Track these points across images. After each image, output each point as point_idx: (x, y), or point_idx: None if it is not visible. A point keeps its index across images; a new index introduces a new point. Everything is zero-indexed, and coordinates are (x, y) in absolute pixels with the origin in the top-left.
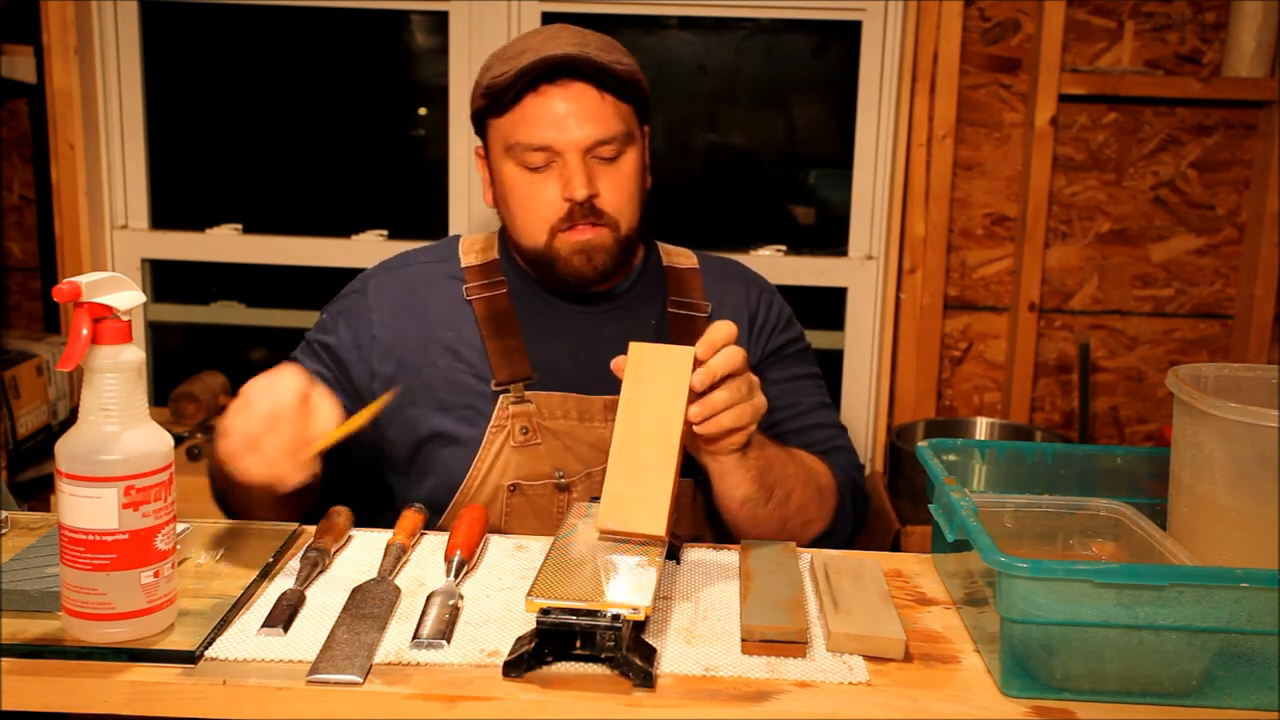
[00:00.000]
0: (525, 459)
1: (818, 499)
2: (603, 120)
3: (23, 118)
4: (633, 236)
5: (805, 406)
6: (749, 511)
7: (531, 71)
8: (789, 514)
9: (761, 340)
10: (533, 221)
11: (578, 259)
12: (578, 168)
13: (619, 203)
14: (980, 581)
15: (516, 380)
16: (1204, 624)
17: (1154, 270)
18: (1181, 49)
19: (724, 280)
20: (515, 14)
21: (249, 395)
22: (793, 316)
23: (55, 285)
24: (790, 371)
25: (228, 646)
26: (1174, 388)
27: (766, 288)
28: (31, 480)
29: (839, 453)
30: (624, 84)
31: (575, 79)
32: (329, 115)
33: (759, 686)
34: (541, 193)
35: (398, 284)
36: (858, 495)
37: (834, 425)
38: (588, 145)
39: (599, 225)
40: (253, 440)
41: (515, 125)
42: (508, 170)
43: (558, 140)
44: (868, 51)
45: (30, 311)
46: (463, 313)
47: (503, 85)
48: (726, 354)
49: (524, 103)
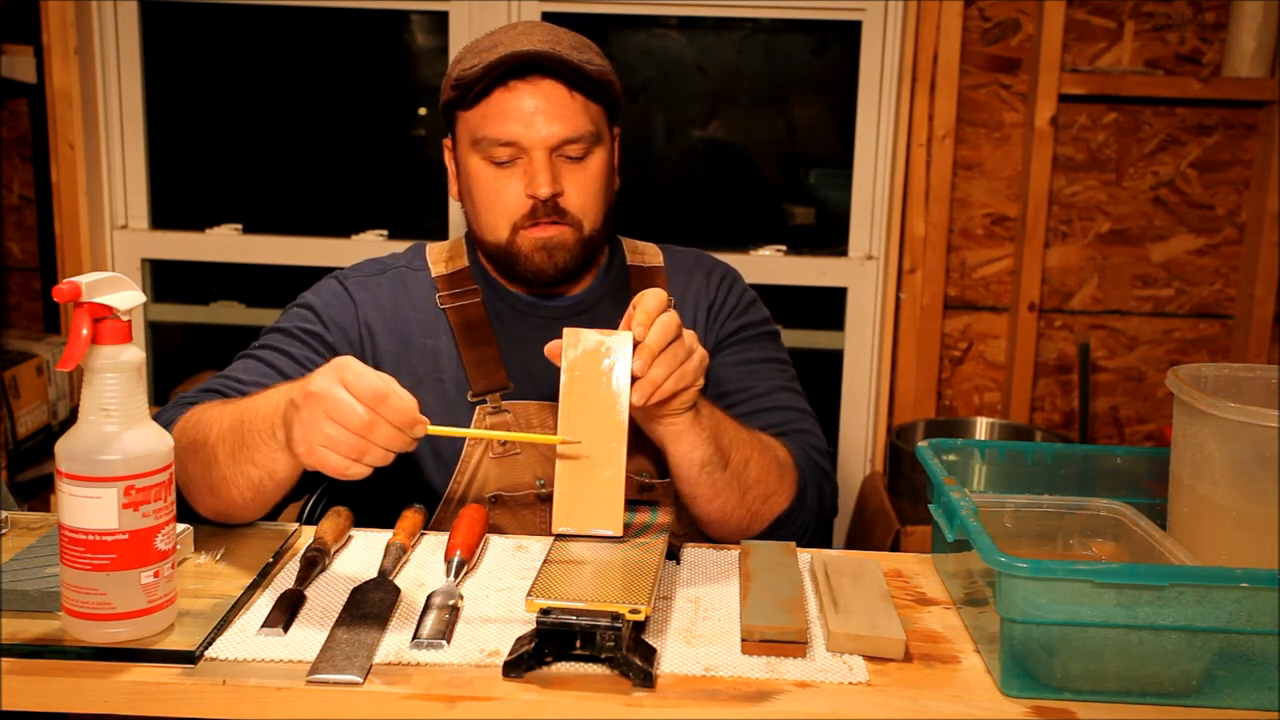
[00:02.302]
0: (505, 469)
1: (777, 471)
2: (571, 119)
3: (23, 118)
4: (596, 237)
5: (761, 389)
6: (709, 478)
7: (501, 66)
8: (748, 483)
9: (716, 325)
10: (496, 217)
11: (539, 256)
12: (543, 165)
13: (583, 202)
14: (980, 581)
15: (493, 390)
16: (1204, 624)
17: (1154, 270)
18: (1181, 49)
19: (684, 274)
20: (515, 14)
21: (349, 370)
22: (755, 301)
23: (55, 285)
24: (745, 355)
25: (228, 646)
26: (1174, 388)
27: (728, 274)
28: (31, 480)
29: (798, 435)
30: (595, 84)
31: (545, 76)
32: (329, 115)
33: (759, 686)
34: (506, 188)
35: (378, 289)
36: (821, 478)
37: (793, 409)
38: (554, 143)
39: (561, 224)
40: (379, 399)
41: (483, 119)
42: (473, 164)
43: (524, 136)
44: (868, 51)
45: (30, 311)
46: (439, 322)
47: (471, 78)
48: (661, 327)
49: (492, 97)
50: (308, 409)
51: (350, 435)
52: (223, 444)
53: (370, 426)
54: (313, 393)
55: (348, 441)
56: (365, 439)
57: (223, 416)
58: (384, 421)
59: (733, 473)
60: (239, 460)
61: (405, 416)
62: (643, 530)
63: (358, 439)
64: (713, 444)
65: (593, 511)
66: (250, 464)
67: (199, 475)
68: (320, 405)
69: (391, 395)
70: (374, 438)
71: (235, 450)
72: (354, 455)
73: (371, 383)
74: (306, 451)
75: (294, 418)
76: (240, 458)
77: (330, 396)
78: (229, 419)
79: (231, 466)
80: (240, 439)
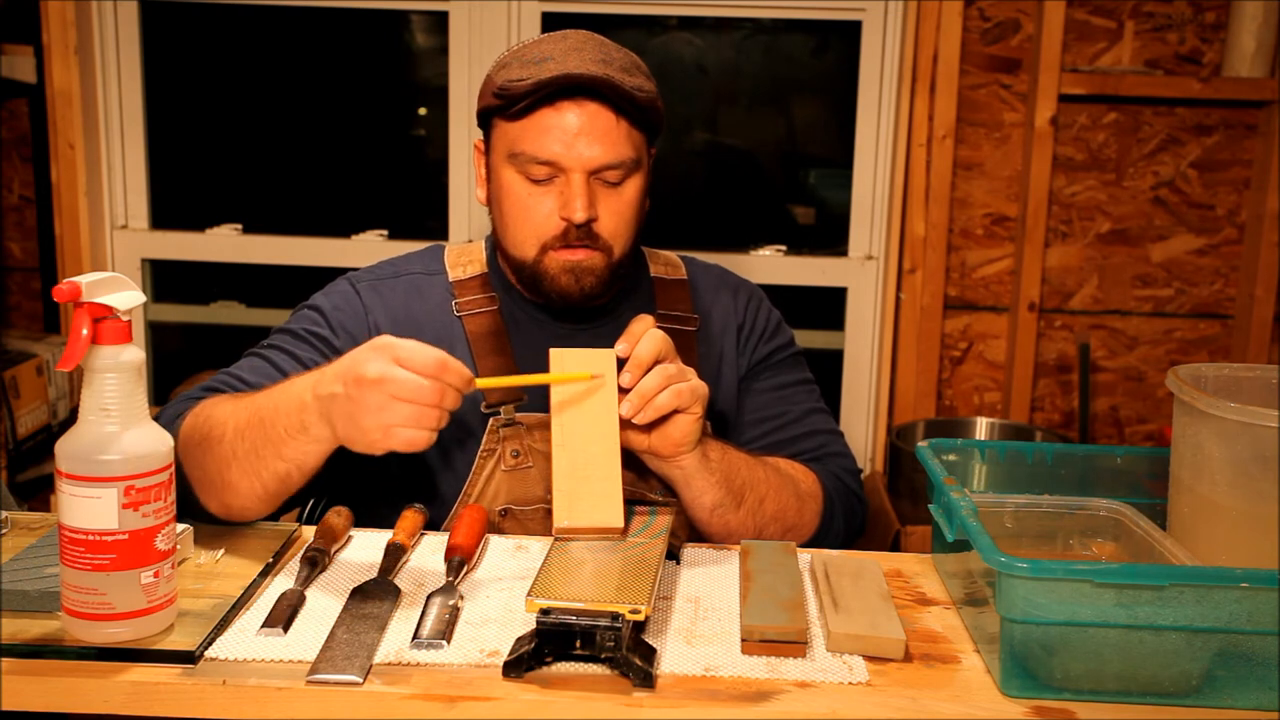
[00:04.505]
0: (516, 482)
1: (796, 505)
2: (614, 145)
3: (23, 118)
4: (625, 261)
5: (794, 415)
6: (720, 519)
7: (552, 85)
8: (764, 521)
9: (749, 349)
10: (526, 234)
11: (565, 279)
12: (580, 189)
13: (616, 228)
14: (980, 581)
15: (507, 402)
16: (1204, 624)
17: (1154, 270)
18: (1181, 49)
19: (712, 291)
20: (515, 14)
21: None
22: (781, 322)
23: (55, 285)
24: (778, 379)
25: (228, 646)
26: (1174, 388)
27: (755, 294)
28: (31, 480)
29: (831, 459)
30: (642, 110)
31: (593, 99)
32: (329, 115)
33: (759, 686)
34: (539, 206)
35: (390, 293)
36: (852, 501)
37: (826, 431)
38: (594, 167)
39: (593, 249)
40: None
41: (523, 133)
42: (507, 176)
43: (564, 158)
44: (868, 51)
45: (30, 311)
46: (454, 329)
47: (519, 92)
48: (649, 340)
49: (537, 113)
50: (370, 395)
51: (426, 409)
52: (241, 440)
53: (441, 394)
54: (372, 379)
55: (426, 415)
56: (439, 408)
57: (238, 412)
58: (450, 387)
59: (747, 512)
60: (263, 455)
61: (465, 377)
62: (642, 530)
63: (432, 410)
64: (723, 487)
65: (594, 507)
66: (277, 459)
67: (214, 471)
68: (385, 389)
69: (449, 361)
70: (446, 404)
71: (259, 445)
72: (432, 426)
73: (429, 355)
74: (384, 436)
75: (347, 408)
76: (265, 453)
77: (393, 379)
78: (245, 414)
79: (254, 461)
80: (264, 434)
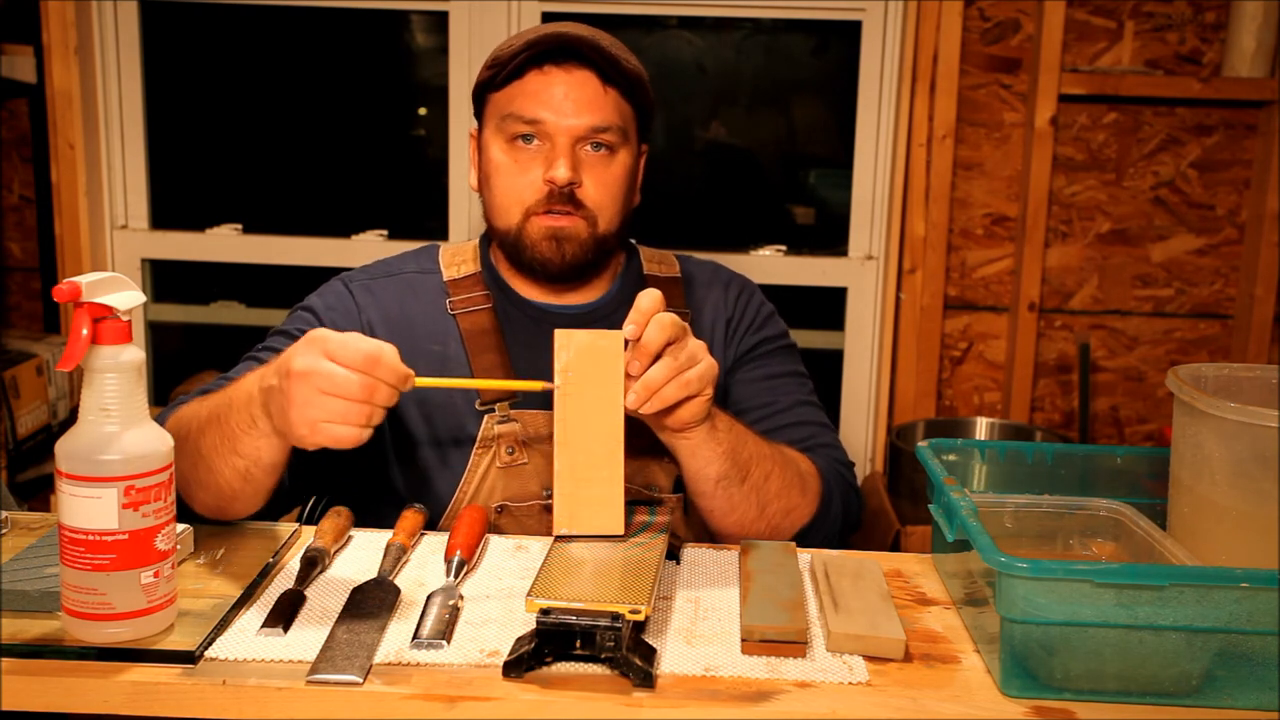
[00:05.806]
0: (512, 479)
1: (799, 485)
2: (600, 110)
3: (23, 118)
4: (609, 238)
5: (782, 405)
6: (724, 492)
7: (540, 44)
8: (768, 498)
9: (736, 340)
10: (510, 200)
11: (546, 245)
12: (565, 151)
13: (600, 198)
14: (980, 581)
15: (501, 399)
16: (1204, 624)
17: (1154, 270)
18: (1181, 49)
19: (703, 286)
20: (515, 14)
21: (330, 341)
22: (773, 314)
23: (55, 285)
24: (766, 369)
25: (228, 646)
26: (1174, 388)
27: (746, 287)
28: (31, 480)
29: (822, 449)
30: (629, 81)
31: (581, 64)
32: (329, 115)
33: (759, 686)
34: (524, 172)
35: (383, 292)
36: (848, 491)
37: (816, 423)
38: (580, 132)
39: (575, 215)
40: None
41: (512, 97)
42: (495, 149)
43: (550, 120)
44: (868, 51)
45: (30, 311)
46: (448, 327)
47: (507, 55)
48: (657, 326)
49: (526, 77)
50: (298, 389)
51: (354, 405)
52: (204, 438)
53: (371, 390)
54: (299, 372)
55: (353, 411)
56: (369, 403)
57: (201, 411)
58: (382, 383)
59: (751, 487)
60: (222, 452)
61: (399, 373)
62: (642, 530)
63: (362, 406)
64: (730, 459)
65: (595, 513)
66: (234, 454)
67: (188, 470)
68: (311, 383)
69: (383, 354)
70: (376, 400)
71: (217, 443)
72: (361, 422)
73: (360, 348)
74: (311, 431)
75: (280, 402)
76: (223, 449)
77: (320, 372)
78: (206, 413)
79: (216, 459)
80: (220, 431)
